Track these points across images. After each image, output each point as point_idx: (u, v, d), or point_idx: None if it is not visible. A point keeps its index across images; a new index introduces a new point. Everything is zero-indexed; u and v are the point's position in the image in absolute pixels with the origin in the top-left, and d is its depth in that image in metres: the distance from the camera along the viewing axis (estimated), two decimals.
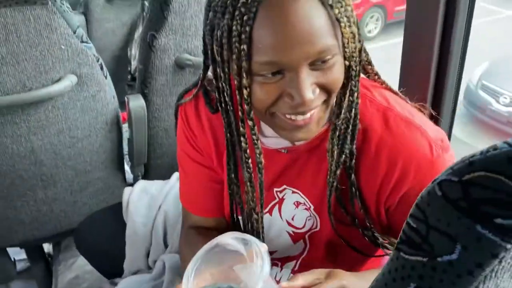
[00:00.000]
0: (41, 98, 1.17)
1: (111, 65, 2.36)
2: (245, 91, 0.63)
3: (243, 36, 0.59)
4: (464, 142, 3.39)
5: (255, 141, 0.69)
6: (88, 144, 1.33)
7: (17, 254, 1.70)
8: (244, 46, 0.59)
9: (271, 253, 0.86)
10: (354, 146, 0.71)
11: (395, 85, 0.83)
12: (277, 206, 0.83)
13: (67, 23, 1.14)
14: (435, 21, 0.94)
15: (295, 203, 0.80)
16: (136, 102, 1.35)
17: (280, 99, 0.63)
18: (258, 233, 0.81)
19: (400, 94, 0.78)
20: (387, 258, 0.77)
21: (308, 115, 0.64)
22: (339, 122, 0.69)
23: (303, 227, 0.82)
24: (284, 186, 0.81)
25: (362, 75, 0.74)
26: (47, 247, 1.79)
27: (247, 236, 0.65)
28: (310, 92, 0.61)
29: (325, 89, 0.64)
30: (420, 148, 0.70)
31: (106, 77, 1.28)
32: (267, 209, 0.83)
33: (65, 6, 1.15)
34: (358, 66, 0.66)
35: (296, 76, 0.60)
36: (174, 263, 1.07)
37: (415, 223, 0.47)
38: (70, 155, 1.32)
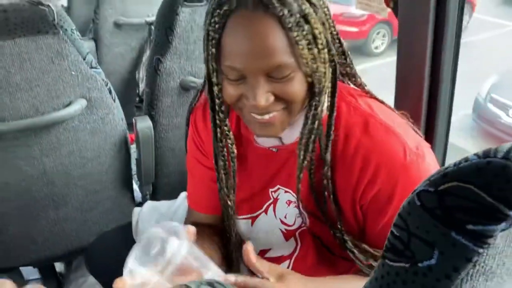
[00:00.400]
0: (53, 122, 1.23)
1: (120, 87, 2.43)
2: (216, 88, 0.74)
3: (213, 41, 0.69)
4: None
5: (227, 132, 0.80)
6: (97, 164, 1.38)
7: (30, 274, 1.74)
8: (213, 50, 0.70)
9: (265, 251, 0.91)
10: (328, 154, 0.77)
11: None
12: (272, 206, 0.88)
13: (77, 51, 1.20)
14: (425, 39, 0.98)
15: (287, 201, 0.85)
16: (143, 124, 1.41)
17: (242, 98, 0.73)
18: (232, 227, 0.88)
19: (385, 103, 0.82)
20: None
21: (267, 116, 0.72)
22: (305, 131, 0.75)
23: (294, 224, 0.86)
24: (278, 186, 0.86)
25: (351, 85, 0.81)
26: (59, 266, 1.83)
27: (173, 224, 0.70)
28: (263, 99, 0.69)
29: (282, 100, 0.71)
30: (394, 151, 0.74)
31: (114, 100, 1.33)
32: (263, 209, 0.89)
33: (75, 34, 1.21)
34: (324, 83, 0.72)
35: (252, 82, 0.69)
36: None
37: (398, 232, 0.50)
38: (80, 175, 1.37)
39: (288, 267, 0.89)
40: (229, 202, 0.87)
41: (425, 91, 1.02)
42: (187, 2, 1.32)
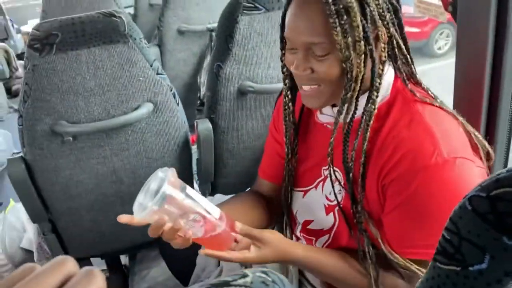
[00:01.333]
0: (122, 124, 1.32)
1: (182, 91, 2.54)
2: (281, 52, 0.92)
3: (283, 15, 0.87)
4: None
5: (289, 103, 0.97)
6: (162, 164, 1.46)
7: (98, 265, 1.86)
8: (281, 22, 0.88)
9: (309, 222, 1.00)
10: (367, 134, 0.84)
11: None
12: (322, 183, 0.97)
13: (145, 58, 1.29)
14: (485, 43, 0.96)
15: (334, 179, 0.92)
16: (204, 126, 1.48)
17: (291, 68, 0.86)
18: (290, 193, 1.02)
19: (446, 108, 0.86)
20: None
21: (306, 87, 0.86)
22: (341, 116, 0.85)
23: (334, 200, 0.93)
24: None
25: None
26: (124, 259, 1.95)
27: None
28: (300, 69, 0.83)
29: (316, 76, 0.83)
30: (423, 148, 0.79)
31: (178, 104, 1.41)
32: (314, 184, 0.98)
33: (143, 43, 1.30)
34: (358, 74, 0.81)
35: (297, 54, 0.84)
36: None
37: (449, 235, 0.51)
38: (146, 174, 1.44)
39: (328, 240, 0.96)
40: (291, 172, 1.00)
41: (485, 96, 1.00)
42: (246, 10, 1.37)
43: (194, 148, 1.63)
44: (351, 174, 0.87)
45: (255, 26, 1.40)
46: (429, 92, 0.89)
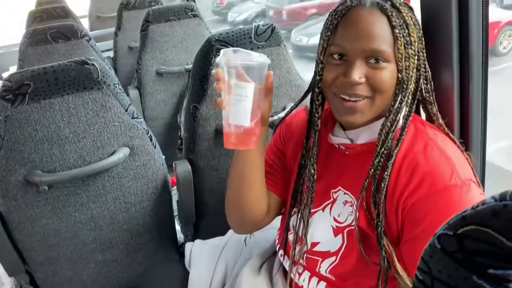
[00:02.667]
0: (98, 170, 1.31)
1: (163, 131, 2.54)
2: (320, 65, 0.89)
3: (331, 26, 0.86)
4: None
5: (317, 118, 0.94)
6: (141, 208, 1.44)
7: None
8: (329, 33, 0.87)
9: (315, 244, 0.97)
10: (395, 153, 0.85)
11: None
12: (330, 205, 0.95)
13: (119, 103, 1.29)
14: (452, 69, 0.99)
15: (344, 202, 0.92)
16: (182, 168, 1.47)
17: (338, 78, 0.85)
18: (304, 222, 0.98)
19: (454, 139, 0.89)
20: None
21: (354, 98, 0.85)
22: (384, 128, 0.85)
23: (345, 221, 0.92)
24: (339, 188, 0.95)
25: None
26: None
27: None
28: (357, 75, 0.82)
29: (371, 86, 0.84)
30: (441, 170, 0.81)
31: (155, 147, 1.40)
32: (321, 206, 0.97)
33: (118, 88, 1.30)
34: (409, 85, 0.84)
35: (351, 61, 0.84)
36: None
37: (421, 275, 0.50)
38: (125, 219, 1.44)
39: (334, 261, 0.95)
40: (307, 191, 0.97)
41: (456, 125, 1.02)
42: (219, 52, 1.39)
43: (174, 189, 1.61)
44: (377, 204, 0.86)
45: None
46: (442, 121, 0.92)
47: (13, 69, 3.94)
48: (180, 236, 1.69)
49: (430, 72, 0.90)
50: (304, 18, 9.13)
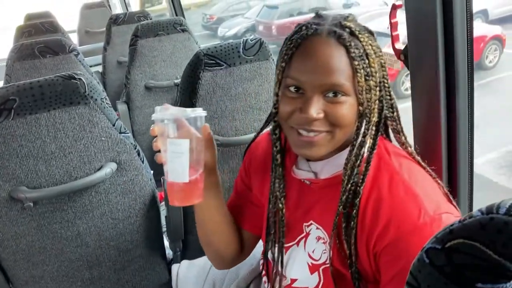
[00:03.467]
0: (85, 186, 1.29)
1: (152, 146, 2.52)
2: (275, 98, 0.85)
3: (285, 57, 0.82)
4: None
5: (278, 147, 0.91)
6: (128, 224, 1.42)
7: None
8: (283, 64, 0.82)
9: (294, 280, 0.95)
10: (361, 189, 0.80)
11: None
12: (303, 239, 0.92)
13: (106, 118, 1.28)
14: (437, 86, 0.99)
15: (317, 237, 0.89)
16: None
17: (295, 112, 0.81)
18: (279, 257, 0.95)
19: (423, 165, 0.85)
20: None
21: (312, 134, 0.81)
22: (348, 163, 0.81)
23: (319, 259, 0.88)
24: (311, 222, 0.90)
25: (396, 145, 0.87)
26: None
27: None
28: (314, 112, 0.78)
29: (330, 121, 0.80)
30: (407, 210, 0.76)
31: (143, 162, 1.39)
32: (295, 241, 0.93)
33: (105, 103, 1.29)
34: (372, 118, 0.81)
35: (309, 96, 0.79)
36: None
37: None
38: (112, 235, 1.41)
39: None
40: (277, 225, 0.95)
41: (443, 136, 1.02)
42: (208, 67, 1.39)
43: (163, 205, 1.60)
44: (348, 237, 0.82)
45: (217, 81, 1.42)
46: (412, 150, 0.88)
47: (0, 84, 3.92)
48: (168, 252, 1.67)
49: (395, 100, 0.86)
50: None
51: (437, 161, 1.04)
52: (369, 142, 0.82)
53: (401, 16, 1.05)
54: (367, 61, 0.79)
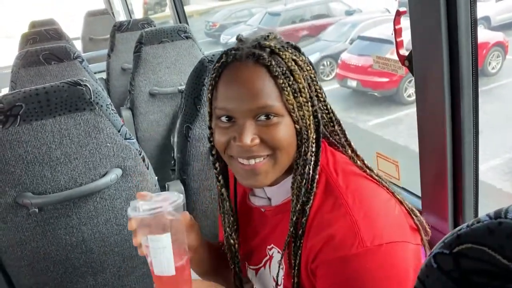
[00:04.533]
0: (90, 192, 1.30)
1: (156, 152, 2.53)
2: (209, 131, 0.84)
3: (210, 87, 0.80)
4: None
5: (221, 181, 0.89)
6: None
7: None
8: (210, 94, 0.81)
9: None
10: (308, 207, 0.78)
11: None
12: (268, 262, 0.90)
13: (112, 124, 1.28)
14: (442, 94, 1.00)
15: (278, 262, 0.86)
16: (175, 188, 1.46)
17: (231, 142, 0.79)
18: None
19: (377, 181, 0.81)
20: None
21: (253, 161, 0.78)
22: (295, 184, 0.79)
23: (281, 284, 0.86)
24: (272, 245, 0.89)
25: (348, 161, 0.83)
26: None
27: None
28: (248, 138, 0.75)
29: (268, 144, 0.77)
30: (342, 238, 0.74)
31: (148, 168, 1.39)
32: (262, 263, 0.92)
33: (110, 109, 1.30)
34: (310, 132, 0.78)
35: (240, 123, 0.77)
36: None
37: None
38: (117, 241, 1.41)
39: None
40: (233, 248, 0.93)
41: (448, 140, 1.03)
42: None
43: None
44: (293, 261, 0.81)
45: None
46: (362, 163, 0.84)
47: (5, 90, 3.95)
48: None
49: (333, 113, 0.84)
50: (296, 39, 9.24)
51: (443, 167, 1.04)
52: (311, 159, 0.79)
53: (405, 23, 1.06)
54: (291, 78, 0.76)
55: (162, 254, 0.79)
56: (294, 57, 0.78)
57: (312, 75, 0.80)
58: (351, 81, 6.29)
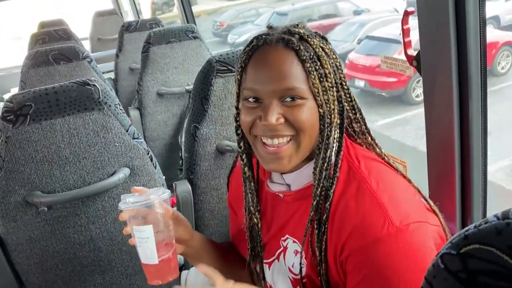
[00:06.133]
0: (99, 191, 1.31)
1: (164, 152, 2.54)
2: (236, 111, 0.87)
3: (240, 69, 0.84)
4: None
5: (245, 160, 0.91)
6: None
7: None
8: (239, 76, 0.84)
9: None
10: (331, 192, 0.80)
11: None
12: (282, 254, 0.91)
13: (120, 123, 1.29)
14: (451, 94, 0.99)
15: (295, 251, 0.88)
16: (183, 188, 1.47)
17: (257, 121, 0.82)
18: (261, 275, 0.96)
19: (395, 167, 0.84)
20: None
21: (276, 141, 0.81)
22: (317, 166, 0.81)
23: (299, 273, 0.87)
24: (287, 236, 0.90)
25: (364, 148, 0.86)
26: None
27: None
28: (274, 117, 0.79)
29: (292, 125, 0.80)
30: (371, 221, 0.76)
31: (155, 167, 1.40)
32: (275, 256, 0.93)
33: (119, 109, 1.31)
34: (333, 119, 0.81)
35: (266, 103, 0.80)
36: None
37: None
38: (125, 240, 1.42)
39: None
40: (257, 242, 0.95)
41: (456, 143, 1.02)
42: (219, 73, 1.41)
43: (174, 210, 1.60)
44: (318, 250, 0.82)
45: (229, 87, 1.43)
46: (380, 150, 0.87)
47: (15, 90, 3.99)
48: (180, 258, 1.67)
49: (356, 101, 0.86)
50: None
51: (451, 167, 1.04)
52: (334, 144, 0.82)
53: (413, 23, 1.06)
54: (318, 63, 0.79)
55: (146, 244, 0.87)
56: (321, 45, 0.81)
57: (338, 64, 0.83)
58: (359, 81, 6.27)
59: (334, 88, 0.81)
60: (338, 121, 0.82)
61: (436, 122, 1.05)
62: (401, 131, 5.17)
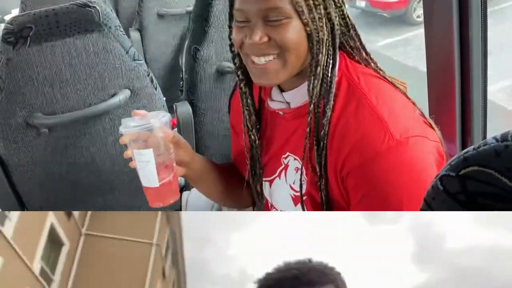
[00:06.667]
0: (99, 112, 1.31)
1: (165, 73, 2.52)
2: (229, 30, 0.89)
3: None
4: None
5: (240, 76, 0.92)
6: None
7: None
8: None
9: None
10: (329, 112, 0.82)
11: None
12: (283, 172, 0.94)
13: (120, 45, 1.27)
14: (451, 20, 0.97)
15: (295, 168, 0.91)
16: (183, 109, 1.47)
17: (245, 40, 0.83)
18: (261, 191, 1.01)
19: (393, 82, 0.85)
20: None
21: (263, 59, 0.82)
22: (310, 85, 0.82)
23: (300, 190, 0.90)
24: (288, 153, 0.93)
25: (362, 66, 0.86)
26: None
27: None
28: (257, 36, 0.80)
29: (277, 44, 0.81)
30: (371, 135, 0.77)
31: (156, 89, 1.39)
32: (276, 173, 0.96)
33: (119, 31, 1.27)
34: (322, 37, 0.81)
35: (252, 23, 0.81)
36: None
37: None
38: (125, 162, 1.44)
39: None
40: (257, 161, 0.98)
41: (456, 64, 1.01)
42: None
43: (175, 131, 1.62)
44: (317, 165, 0.84)
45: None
46: (376, 65, 0.88)
47: (15, 12, 3.84)
48: (180, 179, 1.71)
49: (350, 18, 0.86)
50: None
51: (450, 89, 1.04)
52: (325, 61, 0.82)
53: None
54: None
55: (147, 167, 0.88)
56: None
57: None
58: (360, 1, 6.05)
59: (321, 6, 0.80)
60: (329, 39, 0.82)
61: (436, 41, 1.03)
62: (402, 52, 5.08)
